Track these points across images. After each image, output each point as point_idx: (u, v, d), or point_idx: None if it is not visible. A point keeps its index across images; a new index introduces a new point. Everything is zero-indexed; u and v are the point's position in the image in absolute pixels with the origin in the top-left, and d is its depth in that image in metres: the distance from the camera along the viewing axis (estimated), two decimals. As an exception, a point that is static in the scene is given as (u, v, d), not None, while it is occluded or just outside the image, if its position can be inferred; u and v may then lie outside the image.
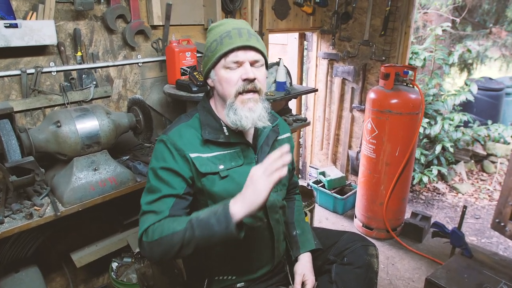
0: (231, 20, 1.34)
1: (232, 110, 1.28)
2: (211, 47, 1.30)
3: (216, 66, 1.29)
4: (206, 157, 1.31)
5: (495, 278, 1.97)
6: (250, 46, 1.26)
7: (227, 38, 1.26)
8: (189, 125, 1.37)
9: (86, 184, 1.66)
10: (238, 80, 1.27)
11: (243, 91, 1.28)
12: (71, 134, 1.61)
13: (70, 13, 1.90)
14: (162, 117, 2.41)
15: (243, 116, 1.27)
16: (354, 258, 1.44)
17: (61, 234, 2.10)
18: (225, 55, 1.26)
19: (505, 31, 4.88)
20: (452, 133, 3.93)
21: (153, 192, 1.26)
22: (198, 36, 2.47)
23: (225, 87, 1.29)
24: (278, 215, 1.46)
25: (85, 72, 2.02)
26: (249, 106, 1.28)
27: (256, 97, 1.31)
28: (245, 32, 1.28)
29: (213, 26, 1.35)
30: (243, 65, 1.27)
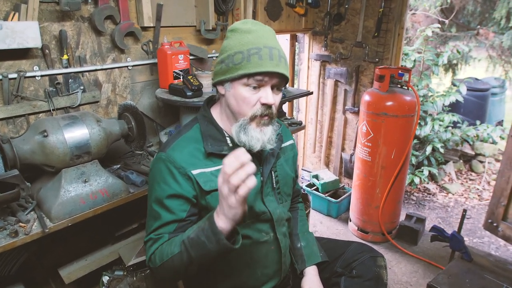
0: (260, 28, 1.20)
1: (243, 130, 1.20)
2: (234, 58, 1.17)
3: (236, 81, 1.19)
4: (210, 171, 1.23)
5: (497, 282, 1.96)
6: (278, 73, 1.17)
7: (256, 57, 1.14)
8: (190, 137, 1.28)
9: (76, 197, 1.55)
10: (256, 102, 1.19)
11: (260, 116, 1.20)
12: (59, 144, 1.50)
13: (55, 13, 1.79)
14: (154, 122, 2.30)
15: (254, 137, 1.20)
16: (363, 270, 1.39)
17: (48, 248, 1.97)
18: (250, 76, 1.16)
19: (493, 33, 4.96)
20: (442, 134, 3.95)
21: (154, 218, 1.21)
22: (190, 38, 2.37)
23: (241, 105, 1.20)
24: (285, 228, 1.39)
25: (71, 76, 1.90)
26: (261, 128, 1.22)
27: (269, 120, 1.24)
28: (276, 54, 1.16)
29: (239, 29, 1.20)
30: (264, 87, 1.18)
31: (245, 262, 1.31)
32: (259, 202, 1.31)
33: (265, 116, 1.21)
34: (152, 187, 1.24)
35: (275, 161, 1.37)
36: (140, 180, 1.77)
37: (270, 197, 1.35)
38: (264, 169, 1.33)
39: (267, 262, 1.36)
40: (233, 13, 2.53)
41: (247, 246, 1.30)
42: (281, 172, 1.41)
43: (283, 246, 1.37)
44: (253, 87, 1.18)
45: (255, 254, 1.32)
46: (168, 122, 2.32)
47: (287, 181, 1.45)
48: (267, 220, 1.33)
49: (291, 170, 1.49)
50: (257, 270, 1.34)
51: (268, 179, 1.35)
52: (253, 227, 1.30)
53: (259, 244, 1.32)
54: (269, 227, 1.33)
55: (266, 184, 1.33)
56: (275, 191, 1.38)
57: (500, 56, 5.10)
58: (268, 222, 1.33)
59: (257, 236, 1.31)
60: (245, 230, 1.29)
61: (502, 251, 3.17)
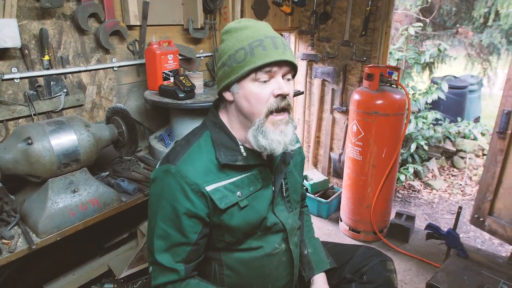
0: (255, 23, 1.14)
1: (261, 133, 1.10)
2: (236, 56, 1.09)
3: (243, 80, 1.10)
4: (224, 185, 1.13)
5: (494, 278, 1.97)
6: (287, 61, 1.09)
7: (260, 49, 1.06)
8: (201, 147, 1.17)
9: (65, 208, 1.44)
10: (269, 97, 1.09)
11: (276, 110, 1.10)
12: (45, 152, 1.38)
13: (35, 11, 1.66)
14: (141, 126, 2.20)
15: (275, 140, 1.10)
16: (373, 275, 1.35)
17: (31, 263, 1.83)
18: (258, 69, 1.07)
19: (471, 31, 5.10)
20: (426, 131, 4.00)
21: (162, 238, 1.11)
22: (177, 37, 2.28)
23: (254, 104, 1.10)
24: (297, 238, 1.33)
25: (53, 78, 1.77)
26: (281, 128, 1.12)
27: (287, 118, 1.14)
28: (279, 43, 1.09)
29: (233, 28, 1.13)
30: (275, 77, 1.09)
31: (256, 276, 1.24)
32: (271, 213, 1.24)
33: (283, 112, 1.12)
34: (158, 204, 1.12)
35: (286, 168, 1.30)
36: (132, 188, 1.67)
37: (281, 207, 1.29)
38: (277, 178, 1.26)
39: (278, 275, 1.29)
40: (220, 12, 2.45)
41: (259, 259, 1.23)
42: (290, 179, 1.34)
43: (295, 257, 1.31)
44: (263, 81, 1.09)
45: (266, 267, 1.25)
46: (157, 125, 2.22)
47: (297, 188, 1.38)
48: (279, 231, 1.26)
49: (300, 175, 1.42)
50: (268, 284, 1.27)
51: (279, 189, 1.27)
52: (265, 239, 1.23)
53: (271, 256, 1.25)
54: (281, 239, 1.26)
55: (277, 194, 1.26)
56: (284, 199, 1.31)
57: (479, 54, 5.25)
58: (280, 233, 1.26)
59: (269, 248, 1.24)
60: (257, 243, 1.22)
61: (488, 244, 3.24)
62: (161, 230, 1.11)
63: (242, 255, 1.21)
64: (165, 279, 1.10)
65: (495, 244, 3.24)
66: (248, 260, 1.22)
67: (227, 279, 1.23)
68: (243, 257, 1.22)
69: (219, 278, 1.24)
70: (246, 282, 1.25)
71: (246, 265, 1.22)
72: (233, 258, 1.22)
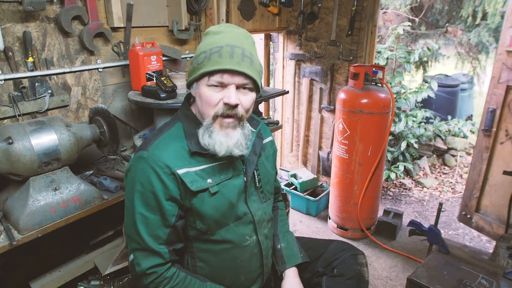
0: (231, 30, 1.20)
1: (207, 132, 1.17)
2: (198, 58, 1.17)
3: (199, 81, 1.19)
4: (194, 171, 1.19)
5: (473, 272, 2.00)
6: (238, 71, 1.14)
7: (216, 55, 1.13)
8: (172, 135, 1.23)
9: (46, 206, 1.48)
10: (219, 102, 1.16)
11: (222, 116, 1.17)
12: (26, 151, 1.42)
13: (18, 14, 1.70)
14: (127, 126, 2.24)
15: (218, 141, 1.16)
16: (344, 269, 1.39)
17: (18, 260, 1.88)
18: (209, 74, 1.15)
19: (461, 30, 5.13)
20: (416, 130, 4.03)
21: (142, 222, 1.14)
22: (162, 38, 2.32)
23: (204, 106, 1.18)
24: (267, 230, 1.37)
25: (38, 80, 1.81)
26: (227, 131, 1.18)
27: (236, 123, 1.20)
28: (238, 52, 1.14)
29: (210, 32, 1.21)
30: (228, 86, 1.16)
31: (228, 267, 1.28)
32: (242, 203, 1.29)
33: (229, 118, 1.18)
34: (133, 189, 1.16)
35: (257, 159, 1.35)
36: (114, 186, 1.71)
37: (253, 197, 1.33)
38: (248, 169, 1.31)
39: (250, 267, 1.33)
40: (206, 13, 2.49)
41: (230, 250, 1.27)
42: (263, 170, 1.39)
43: (264, 249, 1.35)
44: (214, 87, 1.16)
45: (238, 258, 1.29)
46: (142, 125, 2.26)
47: (269, 179, 1.43)
48: (249, 222, 1.30)
49: (272, 168, 1.48)
50: (241, 275, 1.31)
51: (251, 179, 1.32)
52: (236, 230, 1.27)
53: (242, 248, 1.29)
54: (252, 230, 1.31)
55: (249, 184, 1.31)
56: (258, 190, 1.36)
57: (468, 53, 5.29)
58: (250, 224, 1.31)
59: (239, 240, 1.28)
60: (228, 234, 1.26)
61: (476, 241, 3.26)
62: (139, 215, 1.14)
63: (213, 247, 1.26)
64: (149, 263, 1.14)
65: (484, 241, 3.27)
66: (219, 252, 1.26)
67: (199, 270, 1.28)
68: (215, 249, 1.26)
69: (192, 270, 1.28)
70: (218, 273, 1.29)
71: (218, 257, 1.27)
72: (205, 249, 1.26)
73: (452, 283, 1.94)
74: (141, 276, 1.15)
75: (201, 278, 1.24)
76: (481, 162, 2.90)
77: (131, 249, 1.18)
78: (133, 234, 1.16)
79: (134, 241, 1.16)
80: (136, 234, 1.15)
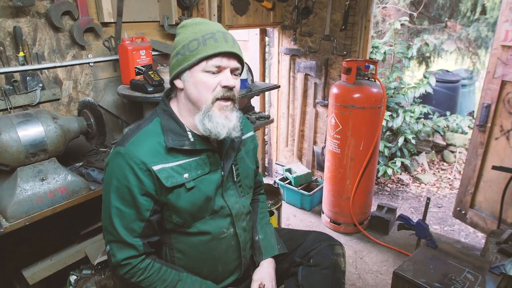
0: (209, 21, 1.26)
1: (207, 117, 1.19)
2: (189, 46, 1.19)
3: (194, 67, 1.20)
4: (171, 167, 1.21)
5: (459, 267, 2.01)
6: (235, 53, 1.21)
7: (211, 40, 1.17)
8: (150, 131, 1.25)
9: (33, 195, 1.53)
10: (216, 86, 1.20)
11: (222, 98, 1.20)
12: (12, 142, 1.47)
13: (9, 9, 1.74)
14: (119, 119, 2.28)
15: (220, 123, 1.19)
16: (320, 259, 1.41)
17: (9, 250, 1.94)
18: (208, 58, 1.18)
19: (460, 25, 5.08)
20: (414, 125, 4.02)
21: (117, 216, 1.18)
22: (153, 33, 2.35)
23: (201, 91, 1.20)
24: (245, 222, 1.40)
25: (29, 74, 1.86)
26: (226, 114, 1.21)
27: (232, 105, 1.24)
28: (230, 38, 1.22)
29: (189, 23, 1.25)
30: (223, 71, 1.20)
31: (206, 258, 1.32)
32: (219, 197, 1.31)
33: (228, 100, 1.22)
34: (110, 183, 1.20)
35: (236, 154, 1.37)
36: (102, 177, 1.75)
37: (231, 191, 1.36)
38: (225, 164, 1.33)
39: (227, 258, 1.36)
40: (198, 8, 2.51)
41: (207, 242, 1.30)
42: (241, 165, 1.42)
43: (242, 241, 1.37)
44: (212, 73, 1.19)
45: (215, 250, 1.32)
46: (134, 118, 2.30)
47: (248, 174, 1.45)
48: (227, 216, 1.33)
49: (252, 162, 1.50)
50: (218, 266, 1.35)
51: (229, 173, 1.35)
52: (213, 223, 1.30)
53: (219, 240, 1.32)
54: (229, 223, 1.33)
55: (227, 179, 1.33)
56: (236, 184, 1.39)
57: (468, 48, 5.23)
58: (228, 217, 1.33)
59: (217, 232, 1.31)
60: (205, 226, 1.28)
61: (472, 237, 3.26)
62: (115, 208, 1.18)
63: (191, 239, 1.29)
64: (124, 255, 1.17)
65: (479, 237, 3.26)
66: (197, 244, 1.29)
67: (177, 261, 1.31)
68: (192, 241, 1.29)
69: (170, 260, 1.31)
70: (196, 264, 1.32)
71: (195, 248, 1.30)
72: (182, 241, 1.29)
73: (437, 277, 1.95)
74: (116, 267, 1.19)
75: (178, 269, 1.28)
76: (475, 158, 2.89)
77: (107, 240, 1.22)
78: (109, 226, 1.20)
79: (109, 233, 1.20)
80: (112, 226, 1.18)
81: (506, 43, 2.54)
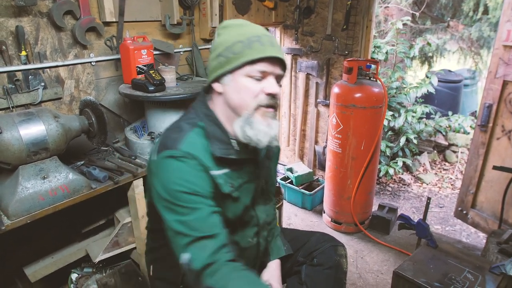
0: (252, 24, 1.18)
1: (249, 124, 1.12)
2: (233, 48, 1.11)
3: (237, 71, 1.12)
4: (220, 174, 1.15)
5: (460, 267, 2.01)
6: (281, 59, 1.12)
7: (257, 44, 1.09)
8: (196, 136, 1.14)
9: (34, 194, 1.54)
10: (259, 93, 1.12)
11: (265, 106, 1.13)
12: (14, 141, 1.48)
13: (11, 9, 1.76)
14: (120, 118, 2.29)
15: (262, 131, 1.12)
16: (323, 258, 1.40)
17: (11, 248, 1.95)
18: (253, 63, 1.09)
19: (462, 25, 5.07)
20: (416, 125, 4.01)
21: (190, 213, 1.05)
22: (155, 32, 2.36)
23: (243, 97, 1.12)
24: (266, 232, 1.40)
25: (31, 73, 1.87)
26: (268, 121, 1.14)
27: (274, 113, 1.17)
28: (275, 42, 1.14)
29: (232, 24, 1.17)
30: (267, 77, 1.12)
31: None
32: (251, 208, 1.29)
33: (270, 108, 1.15)
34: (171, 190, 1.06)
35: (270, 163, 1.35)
36: (103, 175, 1.76)
37: (259, 199, 1.34)
38: (260, 173, 1.30)
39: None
40: (199, 7, 2.52)
41: None
42: (269, 173, 1.40)
43: (261, 250, 1.37)
44: (255, 79, 1.11)
45: None
46: (135, 117, 2.31)
47: (273, 181, 1.44)
48: (254, 225, 1.31)
49: (275, 168, 1.48)
50: None
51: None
52: (241, 233, 1.28)
53: (242, 250, 1.29)
54: (255, 233, 1.32)
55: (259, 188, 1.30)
56: (264, 193, 1.37)
57: (470, 48, 5.21)
58: (254, 227, 1.32)
59: (243, 242, 1.28)
60: (235, 237, 1.25)
61: (473, 237, 3.25)
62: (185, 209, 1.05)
63: None
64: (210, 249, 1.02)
65: (481, 237, 3.25)
66: None
67: None
68: None
69: None
70: None
71: None
72: None
73: (437, 276, 1.95)
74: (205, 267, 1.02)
75: None
76: (477, 157, 2.89)
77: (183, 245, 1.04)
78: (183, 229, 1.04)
79: (185, 236, 1.04)
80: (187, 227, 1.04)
81: (508, 43, 2.54)
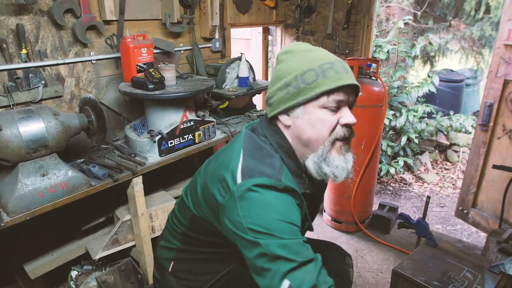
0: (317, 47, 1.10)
1: (324, 160, 1.05)
2: (305, 77, 1.02)
3: (310, 103, 1.04)
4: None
5: (459, 265, 2.01)
6: (357, 86, 1.06)
7: (332, 71, 1.01)
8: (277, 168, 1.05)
9: (34, 191, 1.55)
10: (336, 125, 1.04)
11: (342, 139, 1.06)
12: (14, 138, 1.49)
13: (12, 7, 1.77)
14: (120, 116, 2.30)
15: (339, 167, 1.06)
16: (332, 266, 1.41)
17: (11, 245, 1.97)
18: (330, 93, 1.01)
19: (464, 24, 5.05)
20: (417, 125, 4.01)
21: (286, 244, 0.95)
22: (155, 31, 2.37)
23: (320, 130, 1.04)
24: None
25: (32, 71, 1.88)
26: (344, 155, 1.08)
27: (349, 146, 1.10)
28: (348, 68, 1.06)
29: (296, 50, 1.08)
30: (341, 108, 1.05)
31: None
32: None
33: (344, 141, 1.07)
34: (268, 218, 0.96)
35: None
36: (102, 173, 1.77)
37: None
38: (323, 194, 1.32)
39: None
40: (200, 6, 2.52)
41: None
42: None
43: None
44: (331, 110, 1.03)
45: None
46: (135, 115, 2.31)
47: None
48: None
49: None
50: None
51: None
52: None
53: None
54: None
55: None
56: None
57: (472, 47, 5.20)
58: None
59: None
60: None
61: (474, 237, 3.24)
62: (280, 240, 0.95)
63: None
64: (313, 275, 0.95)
65: (481, 237, 3.25)
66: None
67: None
68: None
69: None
70: None
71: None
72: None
73: (436, 275, 1.95)
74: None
75: None
76: (478, 157, 2.88)
77: (283, 273, 0.93)
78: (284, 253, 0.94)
79: (284, 261, 0.94)
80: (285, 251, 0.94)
81: (509, 42, 2.53)
